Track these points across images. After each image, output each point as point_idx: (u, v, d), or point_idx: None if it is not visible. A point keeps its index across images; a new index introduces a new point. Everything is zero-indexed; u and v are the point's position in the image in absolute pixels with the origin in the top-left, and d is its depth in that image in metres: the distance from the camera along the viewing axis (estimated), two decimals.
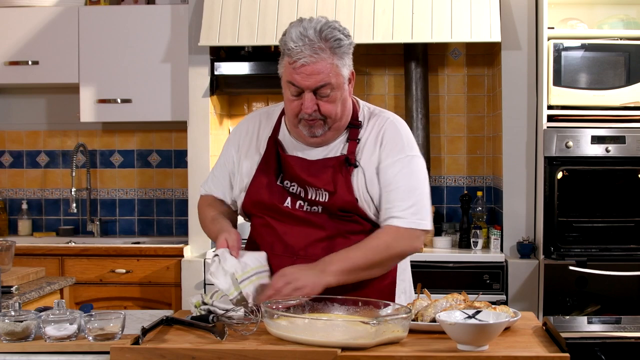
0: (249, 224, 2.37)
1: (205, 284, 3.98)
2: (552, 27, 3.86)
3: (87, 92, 4.36)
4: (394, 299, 2.25)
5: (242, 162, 2.31)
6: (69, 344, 1.85)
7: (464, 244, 4.07)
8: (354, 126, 2.24)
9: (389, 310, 1.93)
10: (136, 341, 1.85)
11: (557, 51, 3.75)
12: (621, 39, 3.81)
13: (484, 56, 4.49)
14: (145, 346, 1.81)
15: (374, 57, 4.52)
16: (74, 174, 4.60)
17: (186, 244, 4.18)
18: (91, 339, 1.85)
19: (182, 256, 4.09)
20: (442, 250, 4.01)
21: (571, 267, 3.65)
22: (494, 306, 2.01)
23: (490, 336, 1.77)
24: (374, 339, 1.77)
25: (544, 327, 2.01)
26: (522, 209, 3.97)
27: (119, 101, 4.34)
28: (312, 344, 1.77)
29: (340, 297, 2.02)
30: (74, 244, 4.30)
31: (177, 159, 4.74)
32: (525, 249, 3.88)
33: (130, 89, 4.34)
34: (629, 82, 3.73)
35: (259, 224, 2.27)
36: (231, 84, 4.27)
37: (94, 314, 1.88)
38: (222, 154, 2.40)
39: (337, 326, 1.81)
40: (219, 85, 4.23)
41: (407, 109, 4.30)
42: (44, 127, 4.84)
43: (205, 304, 2.07)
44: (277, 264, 2.18)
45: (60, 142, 4.84)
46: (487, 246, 4.05)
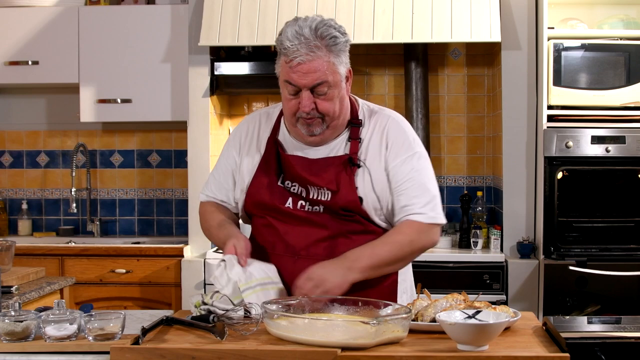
0: (248, 226, 2.37)
1: (205, 284, 3.98)
2: (552, 27, 3.86)
3: (87, 92, 4.36)
4: (396, 299, 2.25)
5: (243, 162, 2.30)
6: (69, 344, 1.85)
7: (464, 244, 4.07)
8: (355, 125, 2.24)
9: (389, 310, 1.93)
10: (136, 341, 1.85)
11: (557, 51, 3.75)
12: (621, 39, 3.81)
13: (484, 56, 4.49)
14: (145, 346, 1.81)
15: (374, 57, 4.52)
16: (74, 174, 4.60)
17: (186, 244, 4.18)
18: (91, 339, 1.85)
19: (182, 256, 4.09)
20: (442, 250, 4.01)
21: (571, 267, 3.65)
22: (494, 306, 2.00)
23: (490, 336, 1.77)
24: (374, 339, 1.77)
25: (544, 327, 2.01)
26: (522, 209, 3.97)
27: (119, 101, 4.34)
28: (312, 344, 1.77)
29: (340, 297, 2.02)
30: (74, 244, 4.30)
31: (177, 159, 4.74)
32: (525, 249, 3.88)
33: (130, 89, 4.34)
34: (629, 82, 3.73)
35: (261, 224, 2.27)
36: (231, 84, 4.26)
37: (94, 314, 1.88)
38: (223, 157, 2.38)
39: (337, 326, 1.81)
40: (219, 85, 4.23)
41: (407, 109, 4.30)
42: (44, 127, 4.84)
43: (205, 304, 2.07)
44: (278, 264, 2.19)
45: (60, 142, 4.84)
46: (487, 246, 4.05)
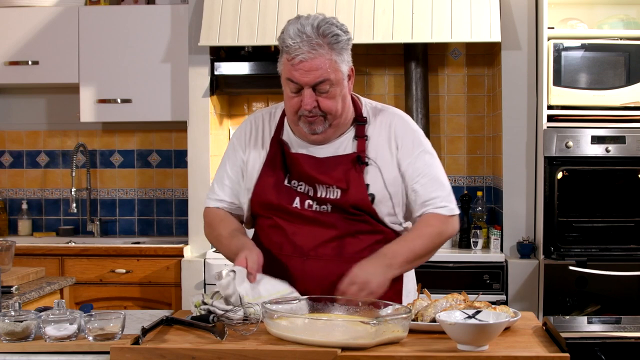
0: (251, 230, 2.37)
1: (205, 284, 3.98)
2: (552, 27, 3.86)
3: (87, 92, 4.36)
4: (401, 298, 2.25)
5: (249, 161, 2.29)
6: (69, 344, 1.85)
7: (464, 244, 4.07)
8: (360, 122, 2.24)
9: (389, 310, 1.93)
10: (136, 341, 1.85)
11: (557, 51, 3.75)
12: (621, 39, 3.81)
13: (484, 56, 4.49)
14: (145, 346, 1.81)
15: (374, 57, 4.51)
16: (74, 174, 4.60)
17: (186, 244, 4.18)
18: (91, 339, 1.85)
19: (182, 256, 4.09)
20: (442, 250, 3.89)
21: (571, 267, 3.64)
22: (494, 306, 2.00)
23: (490, 336, 1.77)
24: (374, 339, 1.77)
25: (544, 327, 2.01)
26: (522, 209, 3.96)
27: (119, 101, 4.34)
28: (312, 344, 1.76)
29: (340, 297, 2.02)
30: (74, 244, 4.30)
31: (177, 159, 4.74)
32: (525, 249, 3.88)
33: (130, 89, 4.34)
34: (629, 82, 3.73)
35: (267, 224, 2.25)
36: (231, 84, 4.26)
37: (94, 314, 1.88)
38: (228, 159, 2.34)
39: (337, 326, 1.81)
40: (219, 85, 4.23)
41: (407, 109, 4.30)
42: (44, 127, 4.84)
43: (205, 304, 2.06)
44: (286, 265, 2.18)
45: (60, 142, 4.84)
46: (487, 246, 4.05)
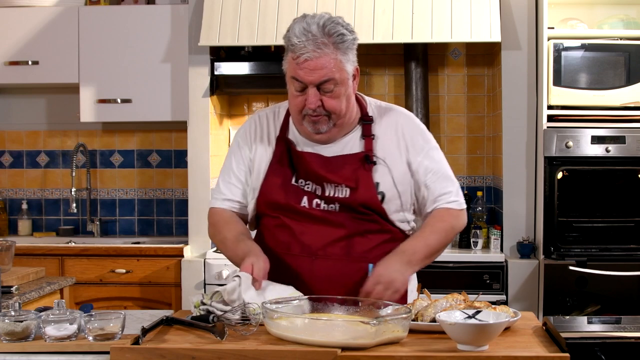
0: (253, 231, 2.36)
1: (205, 284, 3.98)
2: (552, 27, 3.86)
3: (87, 92, 4.36)
4: (406, 300, 2.24)
5: (256, 159, 2.28)
6: (69, 344, 1.85)
7: (464, 243, 4.07)
8: (366, 122, 2.25)
9: (389, 310, 1.93)
10: (136, 341, 1.85)
11: (557, 51, 3.75)
12: (621, 39, 3.81)
13: (484, 56, 4.49)
14: (145, 346, 1.81)
15: (374, 57, 4.51)
16: (74, 174, 4.60)
17: (186, 244, 4.18)
18: (91, 339, 1.85)
19: (182, 256, 4.09)
20: None
21: (571, 267, 3.64)
22: (494, 306, 2.00)
23: (490, 336, 1.77)
24: (374, 339, 1.77)
25: (544, 327, 2.01)
26: (522, 209, 3.96)
27: (119, 101, 4.34)
28: (312, 344, 1.76)
29: (340, 297, 2.01)
30: (74, 244, 4.30)
31: (177, 159, 4.74)
32: (525, 249, 3.88)
33: (130, 89, 4.34)
34: (629, 82, 3.73)
35: (273, 224, 2.24)
36: (231, 84, 4.26)
37: (94, 314, 1.88)
38: (234, 157, 2.32)
39: (337, 326, 1.80)
40: (219, 85, 4.23)
41: (407, 109, 4.23)
42: (44, 127, 4.84)
43: (205, 304, 2.06)
44: (294, 265, 2.18)
45: (60, 142, 4.84)
46: (487, 246, 4.05)
